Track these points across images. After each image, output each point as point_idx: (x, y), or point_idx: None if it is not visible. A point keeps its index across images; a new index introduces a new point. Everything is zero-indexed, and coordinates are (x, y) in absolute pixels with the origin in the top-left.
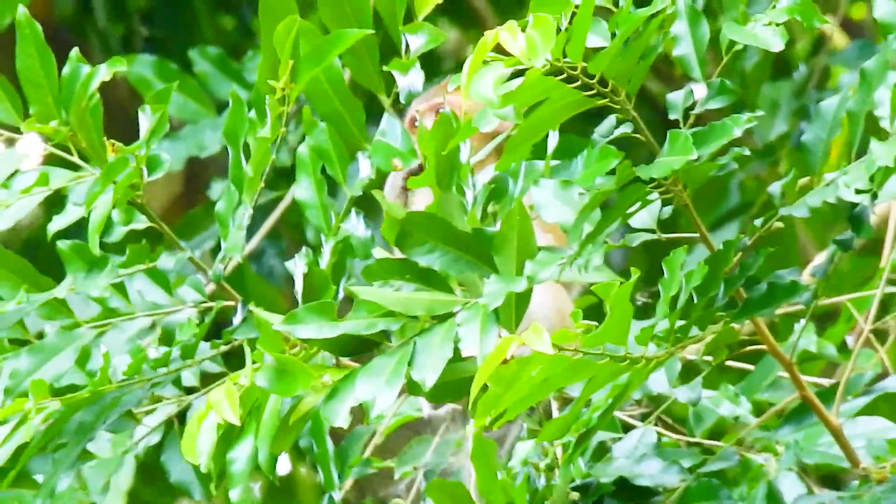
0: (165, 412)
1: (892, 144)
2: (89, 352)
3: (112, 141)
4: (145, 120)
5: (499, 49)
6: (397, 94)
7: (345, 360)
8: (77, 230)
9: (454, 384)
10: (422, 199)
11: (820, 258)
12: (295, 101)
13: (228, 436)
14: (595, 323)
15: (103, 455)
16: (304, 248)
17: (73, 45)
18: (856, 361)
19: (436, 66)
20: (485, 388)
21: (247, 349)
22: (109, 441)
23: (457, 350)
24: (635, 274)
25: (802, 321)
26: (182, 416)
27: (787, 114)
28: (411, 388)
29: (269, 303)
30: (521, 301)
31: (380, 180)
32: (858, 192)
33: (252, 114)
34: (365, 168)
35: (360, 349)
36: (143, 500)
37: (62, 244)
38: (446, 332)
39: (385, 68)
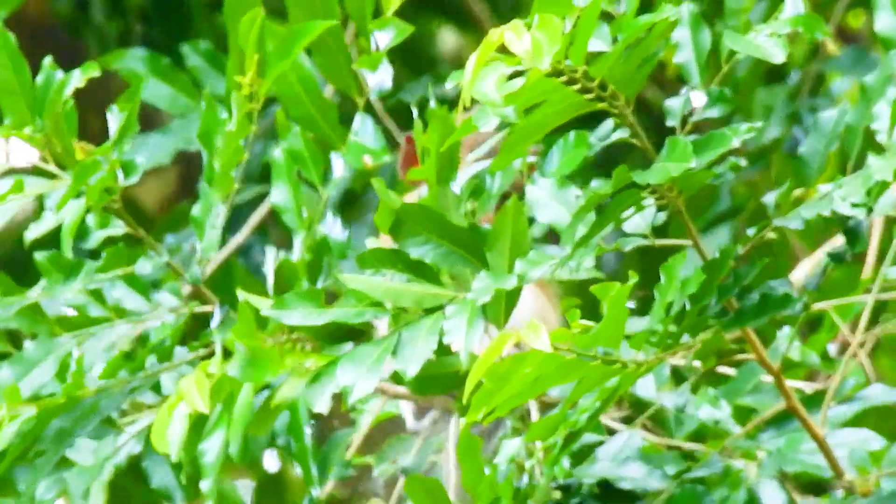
0: (146, 419)
1: (890, 158)
2: (69, 362)
3: (82, 144)
4: (114, 121)
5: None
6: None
7: None
8: (56, 242)
9: (440, 378)
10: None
11: (805, 265)
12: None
13: (200, 427)
14: (592, 324)
15: (85, 463)
16: (271, 248)
17: (70, 43)
18: (841, 374)
19: (433, 68)
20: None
21: (217, 337)
22: (91, 450)
23: (446, 344)
24: (633, 278)
25: (787, 328)
26: None
27: (781, 119)
28: (396, 377)
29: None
30: (510, 299)
31: (360, 178)
32: (854, 205)
33: (224, 114)
34: (339, 168)
35: (347, 338)
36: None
37: (39, 256)
38: (433, 324)
39: (354, 66)
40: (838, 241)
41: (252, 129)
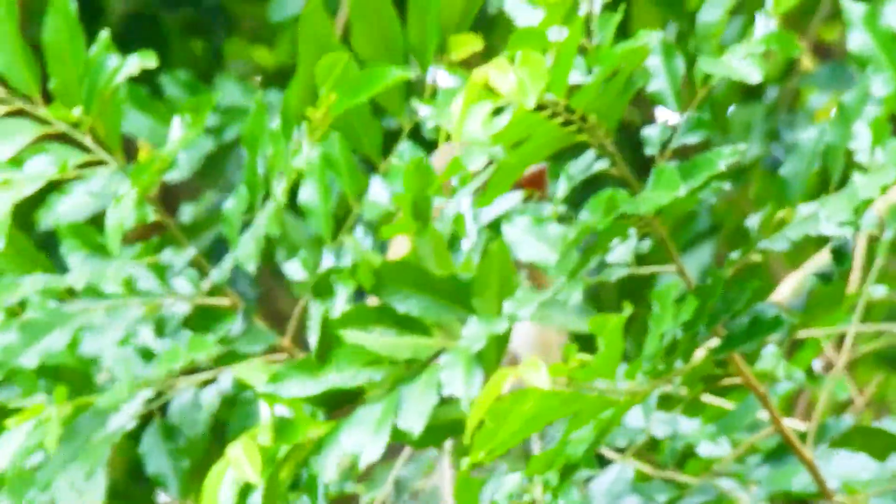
0: (143, 397)
1: (875, 176)
2: (80, 336)
3: (146, 143)
4: (179, 124)
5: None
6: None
7: None
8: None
9: (439, 428)
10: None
11: (789, 283)
12: None
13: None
14: (588, 356)
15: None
16: (311, 301)
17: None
18: (826, 394)
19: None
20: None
21: (264, 406)
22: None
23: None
24: (627, 308)
25: (771, 346)
26: (162, 407)
27: (759, 136)
28: (396, 436)
29: None
30: (500, 340)
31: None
32: (841, 224)
33: (275, 124)
34: (379, 191)
35: (345, 402)
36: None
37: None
38: (429, 377)
39: (416, 102)
40: (821, 260)
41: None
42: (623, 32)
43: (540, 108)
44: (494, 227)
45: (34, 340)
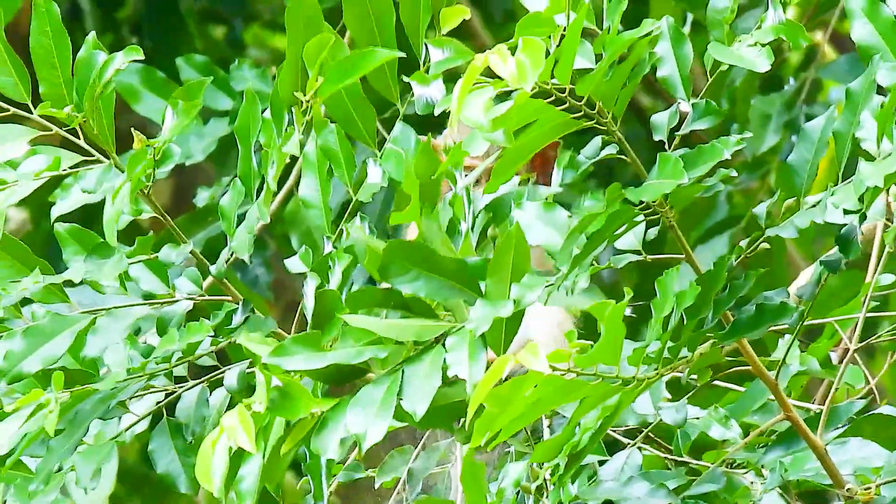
0: (153, 400)
1: (880, 165)
2: (84, 339)
3: (139, 133)
4: (172, 114)
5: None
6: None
7: None
8: (69, 214)
9: (443, 409)
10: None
11: (806, 274)
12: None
13: (237, 457)
14: (590, 343)
15: (89, 441)
16: (309, 274)
17: None
18: (840, 380)
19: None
20: (480, 408)
21: (260, 376)
22: (98, 428)
23: (444, 375)
24: (628, 294)
25: (787, 336)
26: (171, 407)
27: (778, 127)
28: (399, 416)
29: None
30: (511, 324)
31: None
32: (847, 212)
33: (267, 113)
34: (375, 175)
35: (348, 378)
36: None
37: (60, 227)
38: (434, 358)
39: (406, 79)
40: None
41: (302, 141)
42: (639, 22)
43: (544, 94)
44: (492, 209)
45: (37, 347)
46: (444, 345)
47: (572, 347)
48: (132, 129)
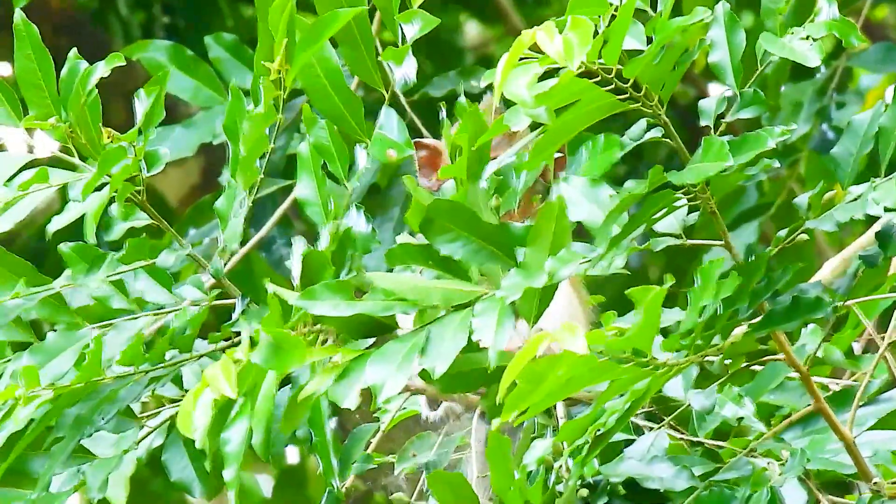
0: (167, 414)
1: None
2: (89, 353)
3: (108, 129)
4: (140, 107)
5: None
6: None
7: None
8: (80, 234)
9: (466, 375)
10: None
11: (832, 262)
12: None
13: (224, 417)
14: (625, 326)
15: (105, 456)
16: (300, 239)
17: (93, 35)
18: (871, 374)
19: (458, 60)
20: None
21: (244, 324)
22: (112, 443)
23: (471, 341)
24: (669, 280)
25: (811, 325)
26: None
27: (809, 115)
28: (423, 374)
29: None
30: (544, 296)
31: (384, 172)
32: (888, 209)
33: (251, 106)
34: (362, 159)
35: (374, 332)
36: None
37: (64, 247)
38: (462, 321)
39: (379, 58)
40: (865, 241)
41: (278, 118)
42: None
43: (590, 74)
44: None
45: (43, 364)
46: (473, 309)
47: (608, 330)
48: (100, 126)
